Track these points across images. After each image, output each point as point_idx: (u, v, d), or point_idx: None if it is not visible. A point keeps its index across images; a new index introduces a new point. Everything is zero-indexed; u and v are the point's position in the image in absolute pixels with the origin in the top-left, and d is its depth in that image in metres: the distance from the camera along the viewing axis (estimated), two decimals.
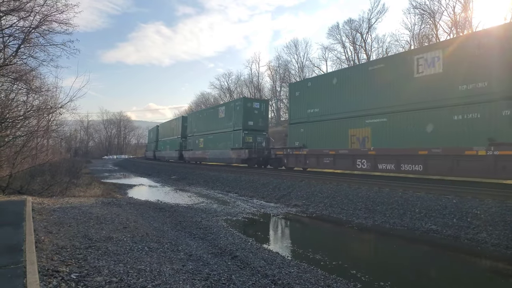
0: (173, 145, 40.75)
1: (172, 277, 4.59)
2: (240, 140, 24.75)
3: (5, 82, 12.99)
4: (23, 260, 4.30)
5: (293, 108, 20.11)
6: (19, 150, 13.47)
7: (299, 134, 18.91)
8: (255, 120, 25.57)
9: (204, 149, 31.09)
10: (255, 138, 24.97)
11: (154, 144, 53.38)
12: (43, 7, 12.25)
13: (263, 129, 25.99)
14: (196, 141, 33.54)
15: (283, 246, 7.24)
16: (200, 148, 32.24)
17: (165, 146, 45.25)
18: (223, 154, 27.19)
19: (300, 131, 18.84)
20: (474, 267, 6.50)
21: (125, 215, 9.13)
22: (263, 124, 26.06)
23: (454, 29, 36.09)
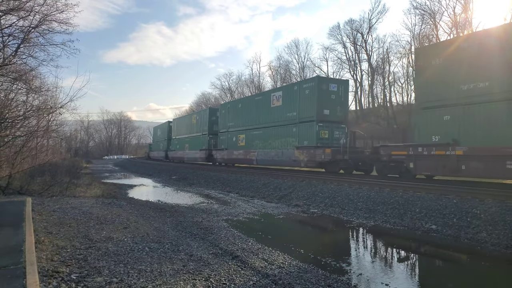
0: (196, 143, 33.84)
1: (172, 277, 4.57)
2: (313, 136, 18.24)
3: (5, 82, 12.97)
4: (23, 260, 4.29)
5: (429, 85, 13.16)
6: (19, 150, 13.45)
7: (440, 123, 12.59)
8: (331, 107, 18.58)
9: (248, 148, 24.67)
10: (331, 132, 18.54)
11: (163, 143, 47.10)
12: (43, 6, 12.24)
13: (342, 120, 19.12)
14: (233, 139, 26.83)
15: (284, 246, 7.23)
16: (240, 147, 25.77)
17: (182, 145, 38.56)
18: (282, 154, 20.83)
19: (443, 119, 12.53)
20: (474, 266, 6.49)
21: (126, 215, 9.11)
22: (342, 114, 19.11)
23: (454, 30, 36.09)
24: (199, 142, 33.34)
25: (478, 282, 5.80)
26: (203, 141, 32.58)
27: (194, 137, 35.07)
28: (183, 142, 38.31)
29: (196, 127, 34.89)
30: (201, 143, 32.95)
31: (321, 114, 18.39)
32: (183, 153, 37.98)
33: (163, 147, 47.25)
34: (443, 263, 6.62)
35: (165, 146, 45.94)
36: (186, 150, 37.03)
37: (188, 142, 36.48)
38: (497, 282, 5.78)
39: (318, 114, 18.32)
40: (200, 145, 32.98)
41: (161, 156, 48.23)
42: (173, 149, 41.87)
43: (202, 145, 32.44)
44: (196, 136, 34.39)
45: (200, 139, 33.33)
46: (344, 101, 19.62)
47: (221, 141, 28.96)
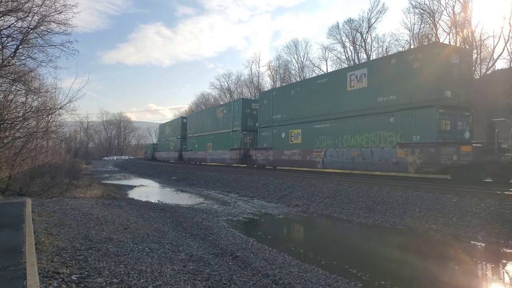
0: (224, 142, 28.07)
1: (173, 277, 4.57)
2: (432, 128, 12.77)
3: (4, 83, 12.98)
4: (23, 261, 4.29)
5: None
6: (19, 152, 13.45)
7: None
8: (454, 87, 13.06)
9: (307, 147, 18.73)
10: (454, 123, 13.08)
11: (175, 143, 41.60)
12: (41, 7, 12.25)
13: (467, 105, 13.58)
14: (281, 135, 20.88)
15: (284, 246, 7.23)
16: (293, 145, 19.72)
17: (203, 144, 32.44)
18: (372, 155, 14.93)
19: None
20: (474, 265, 6.49)
21: (126, 216, 9.11)
22: (466, 96, 13.56)
23: (453, 29, 36.12)
24: (228, 140, 27.45)
25: (479, 281, 5.81)
26: (234, 139, 26.66)
27: (220, 135, 29.08)
28: (204, 141, 32.23)
29: (223, 123, 28.94)
30: (231, 142, 27.13)
31: (441, 96, 12.70)
32: (204, 154, 31.92)
33: (175, 147, 41.32)
34: (443, 262, 6.62)
35: (177, 146, 40.14)
36: (208, 150, 30.96)
37: (212, 141, 30.63)
38: (497, 281, 5.78)
39: (438, 96, 12.67)
40: (230, 143, 27.15)
41: (172, 157, 42.58)
42: (190, 149, 36.11)
43: (233, 144, 26.71)
44: (224, 133, 28.38)
45: (229, 137, 27.39)
46: (469, 78, 14.28)
47: (263, 138, 23.07)
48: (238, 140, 26.33)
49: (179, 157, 39.11)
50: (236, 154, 26.21)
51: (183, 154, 38.13)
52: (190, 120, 38.35)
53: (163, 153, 48.57)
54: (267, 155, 22.42)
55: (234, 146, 26.75)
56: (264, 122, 23.19)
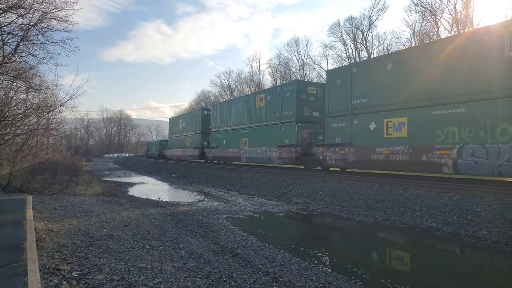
0: (268, 137, 22.80)
1: (173, 275, 4.59)
2: None
3: (5, 80, 12.98)
4: (24, 258, 4.30)
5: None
6: (19, 149, 13.47)
7: None
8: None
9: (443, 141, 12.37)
10: None
11: (193, 139, 35.84)
12: (42, 4, 12.25)
13: None
14: (369, 125, 15.13)
15: (284, 243, 7.24)
16: (398, 140, 13.89)
17: (235, 140, 27.03)
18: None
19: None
20: (474, 264, 6.50)
21: (126, 213, 9.13)
22: None
23: (455, 27, 35.99)
24: (275, 135, 22.09)
25: (479, 281, 5.82)
26: (284, 133, 21.28)
27: (261, 128, 23.76)
28: (237, 136, 26.75)
29: (265, 113, 23.62)
30: (279, 136, 21.71)
31: None
32: (237, 152, 26.55)
33: (193, 143, 35.95)
34: (443, 261, 6.63)
35: (196, 142, 34.87)
36: (243, 146, 25.70)
37: (248, 136, 25.36)
38: (497, 280, 5.79)
39: None
40: (277, 138, 21.78)
41: (189, 155, 37.39)
42: (214, 146, 30.58)
43: (282, 139, 21.34)
44: (267, 126, 23.11)
45: (276, 131, 22.07)
46: None
47: (333, 131, 17.11)
48: (290, 134, 20.54)
49: (200, 156, 33.92)
50: (289, 152, 20.43)
51: (206, 152, 32.63)
52: (214, 111, 31.77)
53: (176, 150, 42.50)
54: (344, 154, 16.38)
55: (284, 142, 21.09)
56: (335, 109, 17.13)
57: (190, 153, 37.15)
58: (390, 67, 14.68)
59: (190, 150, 36.76)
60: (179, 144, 41.25)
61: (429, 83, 12.92)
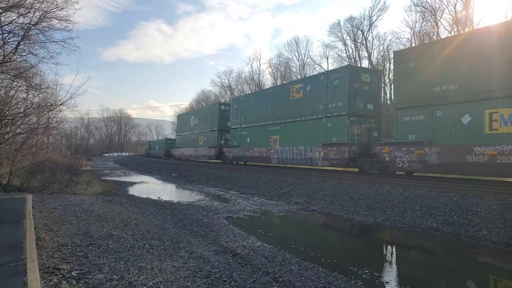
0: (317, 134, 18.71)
1: (173, 274, 4.58)
2: None
3: (5, 79, 12.98)
4: (24, 257, 4.29)
5: None
6: (19, 148, 13.45)
7: None
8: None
9: None
10: None
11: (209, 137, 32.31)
12: (43, 3, 12.26)
13: None
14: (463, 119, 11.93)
15: (284, 243, 7.24)
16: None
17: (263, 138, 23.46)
18: None
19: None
20: (474, 264, 6.50)
21: (126, 212, 9.12)
22: None
23: (455, 27, 35.97)
24: (318, 132, 18.28)
25: (478, 280, 5.81)
26: (333, 129, 17.38)
27: (296, 124, 20.10)
28: (265, 133, 23.19)
29: (303, 106, 19.73)
30: (323, 133, 17.98)
31: None
32: (266, 152, 22.79)
33: (207, 142, 32.33)
34: (443, 261, 6.63)
35: (212, 140, 31.48)
36: (274, 145, 22.10)
37: (279, 133, 21.81)
38: (497, 280, 5.78)
39: None
40: (321, 136, 18.04)
41: (204, 155, 33.67)
42: (236, 145, 27.08)
43: (329, 137, 17.65)
44: (306, 121, 19.36)
45: (319, 126, 18.30)
46: None
47: (405, 126, 13.92)
48: (340, 131, 17.00)
49: (218, 155, 30.30)
50: (339, 152, 16.73)
51: (225, 152, 28.92)
52: (235, 106, 27.91)
53: (186, 149, 38.82)
54: (423, 155, 13.05)
55: (331, 140, 17.46)
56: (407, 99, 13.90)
57: (204, 153, 33.39)
58: (494, 40, 11.40)
59: (205, 149, 33.19)
60: (190, 143, 37.81)
61: None
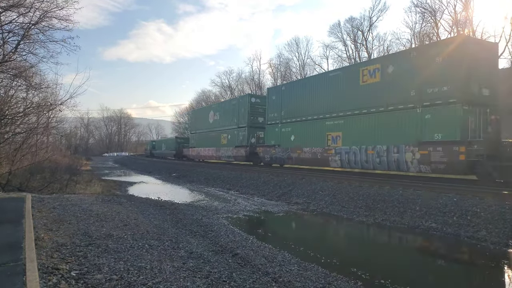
0: (405, 130, 13.46)
1: (172, 274, 4.57)
2: None
3: (5, 78, 12.98)
4: (23, 257, 4.28)
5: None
6: (19, 147, 13.44)
7: None
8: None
9: None
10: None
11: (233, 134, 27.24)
12: (43, 3, 12.25)
13: None
14: None
15: (284, 243, 7.23)
16: None
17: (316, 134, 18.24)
18: None
19: None
20: (473, 265, 6.49)
21: (126, 212, 9.11)
22: None
23: (455, 28, 35.99)
24: (410, 126, 13.43)
25: (477, 280, 5.81)
26: (434, 122, 12.63)
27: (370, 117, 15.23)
28: (319, 129, 18.08)
29: (380, 93, 14.74)
30: (420, 128, 13.05)
31: None
32: (321, 152, 17.61)
33: (234, 141, 27.08)
34: (443, 261, 6.62)
35: (239, 139, 26.26)
36: (334, 144, 17.01)
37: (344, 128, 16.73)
38: (496, 280, 5.77)
39: None
40: (418, 131, 13.07)
41: (227, 156, 28.13)
42: (275, 144, 21.58)
43: (430, 132, 12.68)
44: (385, 113, 14.52)
45: (411, 120, 13.44)
46: None
47: None
48: (447, 124, 12.11)
49: (249, 156, 24.74)
50: (450, 154, 11.59)
51: (259, 152, 23.27)
52: (273, 97, 22.68)
53: (204, 149, 32.68)
54: None
55: (432, 137, 12.52)
56: None
57: (230, 153, 27.53)
58: None
59: (230, 149, 27.51)
60: (210, 142, 31.67)
61: None
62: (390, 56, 19.17)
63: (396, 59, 15.07)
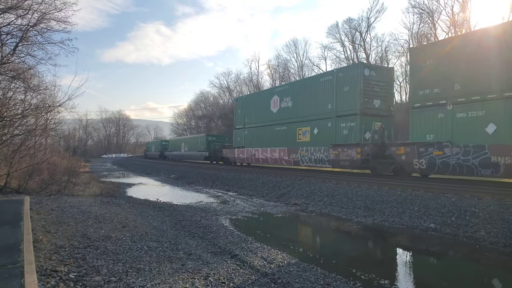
0: None
1: (171, 276, 4.57)
2: None
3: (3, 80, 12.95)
4: (21, 259, 4.28)
5: None
6: (17, 149, 13.40)
7: None
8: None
9: None
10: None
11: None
12: (41, 5, 12.23)
13: None
14: None
15: (282, 244, 7.23)
16: None
17: None
18: None
19: None
20: (472, 265, 6.50)
21: (124, 214, 9.10)
22: None
23: (452, 29, 36.11)
24: None
25: (477, 281, 5.82)
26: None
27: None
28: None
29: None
30: None
31: None
32: None
33: (326, 137, 17.98)
34: (441, 262, 6.63)
35: (345, 134, 16.95)
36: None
37: None
38: (496, 280, 5.79)
39: None
40: None
41: (314, 159, 18.52)
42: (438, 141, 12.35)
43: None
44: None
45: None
46: None
47: None
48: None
49: (365, 161, 15.51)
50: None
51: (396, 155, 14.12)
52: (429, 61, 13.08)
53: (262, 151, 23.18)
54: None
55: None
56: None
57: (320, 156, 18.08)
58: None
59: (321, 150, 18.01)
60: (274, 140, 22.17)
61: None
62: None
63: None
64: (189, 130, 75.49)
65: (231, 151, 28.00)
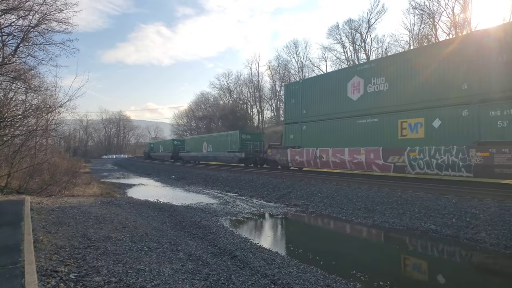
0: None
1: (171, 277, 4.57)
2: None
3: (4, 81, 12.97)
4: (22, 260, 4.28)
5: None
6: (18, 150, 13.41)
7: None
8: None
9: None
10: None
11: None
12: (42, 6, 12.27)
13: None
14: None
15: (282, 245, 7.24)
16: None
17: None
18: None
19: None
20: (473, 267, 6.49)
21: (125, 214, 9.10)
22: None
23: (453, 30, 36.13)
24: None
25: (477, 282, 5.81)
26: None
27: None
28: None
29: None
30: None
31: None
32: None
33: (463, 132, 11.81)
34: (442, 264, 6.63)
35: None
36: None
37: None
38: (496, 281, 5.78)
39: None
40: None
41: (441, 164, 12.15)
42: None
43: None
44: None
45: None
46: None
47: None
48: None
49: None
50: None
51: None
52: None
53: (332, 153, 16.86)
54: None
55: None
56: None
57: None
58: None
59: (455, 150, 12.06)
60: (353, 138, 16.24)
61: None
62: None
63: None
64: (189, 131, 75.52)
65: (282, 152, 21.24)
